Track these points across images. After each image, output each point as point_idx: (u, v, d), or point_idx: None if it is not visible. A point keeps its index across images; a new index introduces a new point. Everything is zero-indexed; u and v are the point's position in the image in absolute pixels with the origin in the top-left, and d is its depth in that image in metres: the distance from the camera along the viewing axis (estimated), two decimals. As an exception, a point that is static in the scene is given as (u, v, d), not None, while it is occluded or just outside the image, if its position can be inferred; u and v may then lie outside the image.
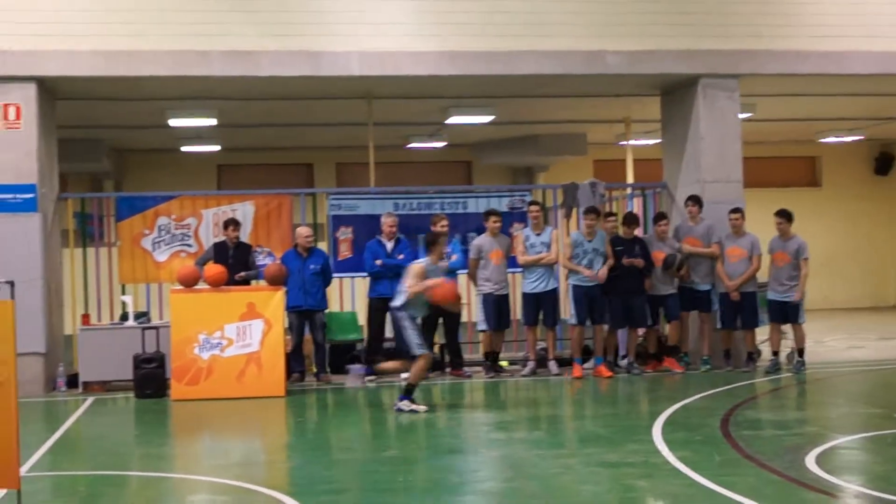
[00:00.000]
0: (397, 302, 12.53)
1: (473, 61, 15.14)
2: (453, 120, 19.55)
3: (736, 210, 15.23)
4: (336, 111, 19.00)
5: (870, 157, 27.44)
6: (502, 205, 16.25)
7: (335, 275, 15.59)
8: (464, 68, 15.17)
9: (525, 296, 15.29)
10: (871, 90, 18.24)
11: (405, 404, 12.29)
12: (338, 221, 16.04)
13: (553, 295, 15.30)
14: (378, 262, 14.92)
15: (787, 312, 15.22)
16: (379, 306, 14.91)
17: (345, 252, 15.87)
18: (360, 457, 10.56)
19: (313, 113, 19.51)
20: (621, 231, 15.42)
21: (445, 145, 24.12)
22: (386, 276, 14.84)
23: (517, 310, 15.84)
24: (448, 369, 15.34)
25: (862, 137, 25.28)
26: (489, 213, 15.36)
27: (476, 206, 16.31)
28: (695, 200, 15.52)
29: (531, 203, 15.69)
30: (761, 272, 15.47)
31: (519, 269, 15.47)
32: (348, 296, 16.49)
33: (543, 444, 10.72)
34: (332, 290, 15.75)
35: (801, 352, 15.32)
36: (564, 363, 15.47)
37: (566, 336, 16.10)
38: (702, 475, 8.75)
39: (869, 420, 11.67)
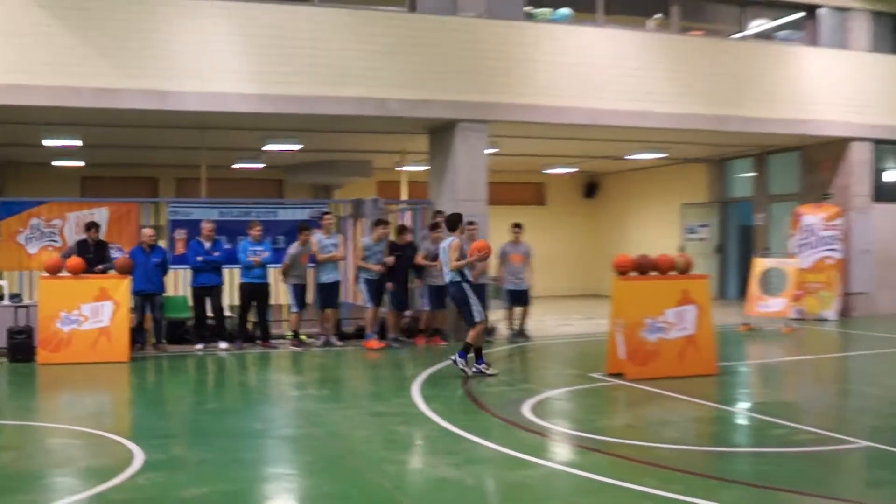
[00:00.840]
0: (455, 278, 11.93)
1: (287, 103, 15.11)
2: (269, 147, 19.42)
3: (471, 222, 15.46)
4: (177, 137, 18.59)
5: (581, 185, 28.43)
6: (306, 214, 16.28)
7: (172, 267, 15.34)
8: (279, 108, 15.11)
9: (318, 286, 15.39)
10: (584, 136, 18.87)
11: (464, 363, 11.69)
12: (175, 225, 15.77)
13: (336, 284, 15.44)
14: (199, 258, 14.78)
15: (520, 298, 16.01)
16: (199, 294, 14.88)
17: (180, 249, 15.57)
18: (186, 409, 10.54)
19: (159, 138, 19.04)
20: (394, 237, 15.68)
21: (263, 166, 23.91)
22: (205, 270, 14.80)
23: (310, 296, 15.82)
24: (259, 341, 15.30)
25: (576, 170, 26.27)
26: (301, 227, 15.24)
27: (285, 214, 16.30)
28: (442, 213, 15.85)
29: (324, 213, 15.78)
30: (493, 269, 16.03)
31: (312, 265, 15.49)
32: (182, 283, 16.23)
33: (329, 400, 10.86)
34: (169, 279, 15.46)
35: (522, 325, 16.04)
36: (347, 337, 15.68)
37: (353, 315, 16.29)
38: (447, 422, 9.07)
39: (571, 379, 12.06)
